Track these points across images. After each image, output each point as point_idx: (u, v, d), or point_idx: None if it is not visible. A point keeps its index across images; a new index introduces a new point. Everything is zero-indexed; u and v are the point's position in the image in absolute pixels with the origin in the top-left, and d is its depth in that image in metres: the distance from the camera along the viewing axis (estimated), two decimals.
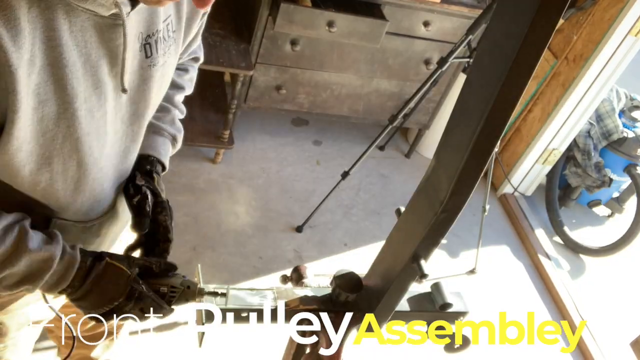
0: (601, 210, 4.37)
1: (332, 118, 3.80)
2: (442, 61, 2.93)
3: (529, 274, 3.63)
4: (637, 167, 3.89)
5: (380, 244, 1.33)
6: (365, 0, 3.21)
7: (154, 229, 1.31)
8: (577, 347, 3.27)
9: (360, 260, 3.19)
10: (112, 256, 1.16)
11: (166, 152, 1.42)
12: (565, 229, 3.95)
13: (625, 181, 4.11)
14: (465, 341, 1.38)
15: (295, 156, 3.80)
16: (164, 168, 1.41)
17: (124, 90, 1.08)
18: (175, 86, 1.44)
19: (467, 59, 3.11)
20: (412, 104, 3.11)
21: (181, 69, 1.48)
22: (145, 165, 1.35)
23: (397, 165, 4.04)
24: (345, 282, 1.32)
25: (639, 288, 3.83)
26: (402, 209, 1.28)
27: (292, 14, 3.03)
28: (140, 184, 1.31)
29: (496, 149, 3.26)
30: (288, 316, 1.30)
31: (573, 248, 3.91)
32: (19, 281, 1.07)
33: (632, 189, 4.08)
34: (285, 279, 1.43)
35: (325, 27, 3.10)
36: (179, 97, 1.48)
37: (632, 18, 3.29)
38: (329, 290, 1.35)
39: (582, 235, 4.05)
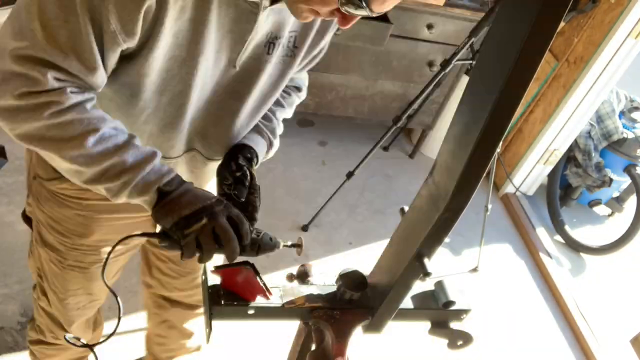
0: (601, 209, 4.40)
1: (338, 119, 3.83)
2: (445, 63, 2.94)
3: (531, 272, 3.65)
4: (637, 167, 3.92)
5: (385, 242, 1.33)
6: None
7: (244, 207, 1.37)
8: (577, 343, 3.30)
9: (364, 258, 3.21)
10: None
11: (262, 151, 1.52)
12: (566, 228, 3.97)
13: (625, 181, 4.14)
14: (468, 338, 1.39)
15: (301, 156, 3.83)
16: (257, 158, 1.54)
17: (234, 67, 1.27)
18: (279, 104, 1.59)
19: (470, 61, 3.13)
20: (415, 105, 3.12)
21: (285, 92, 1.62)
22: (247, 152, 1.47)
23: (401, 166, 4.07)
24: (350, 280, 1.32)
25: (638, 286, 3.85)
26: (406, 208, 1.28)
27: None
28: (242, 164, 1.44)
29: (498, 150, 3.29)
30: (294, 313, 1.31)
31: (574, 247, 3.94)
32: (123, 170, 1.15)
33: (631, 189, 4.11)
34: (291, 277, 1.41)
35: None
36: (280, 114, 1.60)
37: (632, 21, 3.33)
38: (334, 288, 1.35)
39: (583, 234, 4.08)
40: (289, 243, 1.37)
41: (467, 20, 3.43)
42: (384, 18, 3.26)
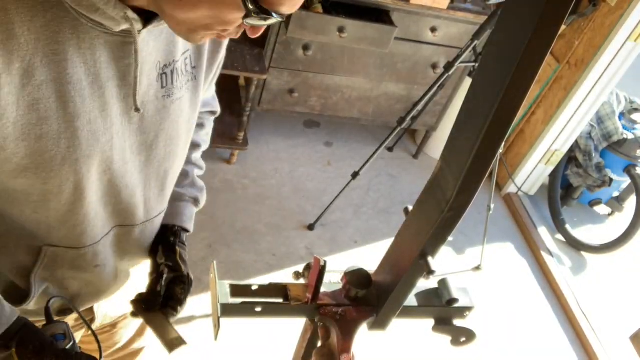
0: (602, 209, 4.42)
1: (343, 120, 3.85)
2: (448, 65, 2.98)
3: (532, 271, 3.68)
4: (637, 168, 3.94)
5: (389, 241, 1.32)
6: (375, 7, 3.28)
7: (168, 298, 1.29)
8: (578, 340, 3.34)
9: (369, 257, 3.24)
10: (24, 346, 1.04)
11: (189, 216, 1.40)
12: (567, 227, 4.00)
13: (625, 181, 4.16)
14: (471, 335, 1.39)
15: (307, 157, 3.86)
16: (187, 231, 1.40)
17: (136, 110, 1.01)
18: (192, 145, 1.40)
19: (473, 64, 3.17)
20: (419, 107, 3.15)
21: (197, 124, 1.40)
22: (170, 237, 1.34)
23: (405, 166, 4.10)
24: (356, 278, 1.31)
25: (638, 284, 3.88)
26: (410, 207, 1.26)
27: (304, 20, 3.11)
28: (160, 262, 1.29)
29: (501, 150, 3.30)
30: (300, 311, 1.31)
31: (575, 245, 3.97)
32: None
33: (631, 189, 4.13)
34: (297, 275, 1.38)
35: (336, 32, 3.18)
36: (197, 155, 1.45)
37: (631, 24, 3.36)
38: (339, 286, 1.34)
39: (584, 233, 4.10)
40: None
41: (470, 24, 3.46)
42: (388, 21, 3.31)
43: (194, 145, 1.43)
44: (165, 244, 1.33)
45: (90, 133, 0.96)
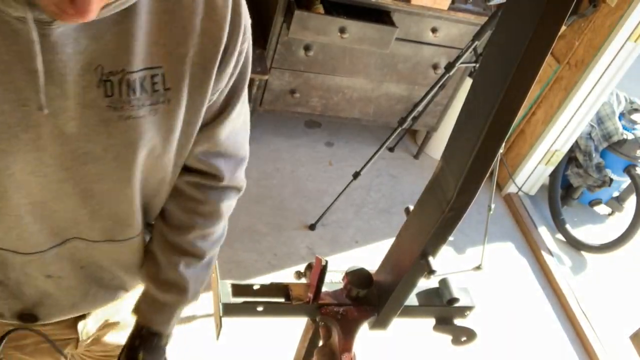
0: (602, 209, 4.42)
1: (344, 120, 3.85)
2: (449, 66, 2.98)
3: (533, 270, 3.69)
4: (637, 168, 3.94)
5: (390, 241, 1.35)
6: (376, 7, 3.28)
7: None
8: (578, 339, 3.35)
9: (370, 257, 3.25)
10: None
11: (163, 320, 1.20)
12: (567, 227, 4.00)
13: (625, 181, 4.16)
14: (471, 334, 1.42)
15: (308, 157, 3.86)
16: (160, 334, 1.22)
17: (39, 108, 0.88)
18: (180, 227, 1.18)
19: (474, 64, 3.17)
20: (420, 107, 3.15)
21: (196, 198, 1.17)
22: (135, 340, 1.18)
23: (406, 166, 4.10)
24: (357, 277, 1.33)
25: (638, 284, 3.88)
26: (411, 207, 1.29)
27: (306, 21, 3.11)
28: None
29: (501, 150, 3.31)
30: (302, 310, 1.33)
31: (575, 245, 3.97)
32: None
33: (631, 189, 4.13)
34: (299, 275, 1.42)
35: (337, 33, 3.18)
36: (189, 238, 1.19)
37: (631, 25, 3.36)
38: (341, 286, 1.37)
39: (584, 233, 4.10)
40: None
41: (471, 24, 3.46)
42: (389, 22, 3.31)
43: (185, 227, 1.18)
44: (129, 347, 1.18)
45: (5, 126, 0.87)
